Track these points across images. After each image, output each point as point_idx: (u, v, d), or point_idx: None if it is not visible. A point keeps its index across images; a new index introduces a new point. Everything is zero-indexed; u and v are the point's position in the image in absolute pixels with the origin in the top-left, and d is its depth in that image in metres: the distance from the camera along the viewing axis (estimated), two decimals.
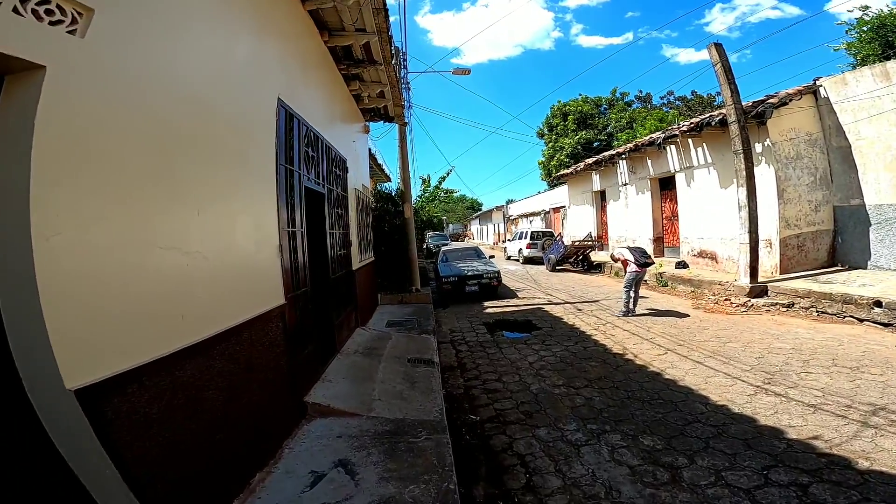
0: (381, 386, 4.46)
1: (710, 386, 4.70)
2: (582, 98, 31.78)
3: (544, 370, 5.44)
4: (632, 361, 5.59)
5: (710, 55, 9.10)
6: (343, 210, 6.00)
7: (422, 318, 7.60)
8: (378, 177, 16.35)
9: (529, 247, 19.37)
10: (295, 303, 3.69)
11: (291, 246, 3.67)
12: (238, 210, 2.84)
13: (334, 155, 5.68)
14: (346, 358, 5.15)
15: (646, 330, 7.03)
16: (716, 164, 10.98)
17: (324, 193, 4.92)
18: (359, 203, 7.54)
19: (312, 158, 4.56)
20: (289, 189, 3.71)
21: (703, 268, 11.44)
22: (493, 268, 11.24)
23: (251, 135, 3.11)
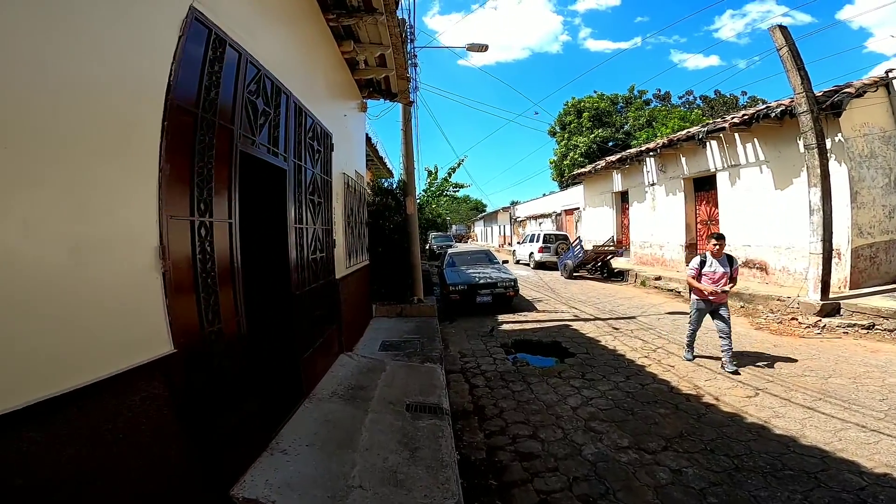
0: (366, 459, 2.94)
1: (846, 444, 3.32)
2: (598, 95, 30.01)
3: (596, 420, 3.91)
4: (715, 408, 4.08)
5: (775, 39, 7.64)
6: (324, 199, 4.47)
7: (425, 338, 6.07)
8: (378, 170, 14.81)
9: (542, 251, 17.81)
10: (207, 346, 2.19)
11: (201, 248, 2.17)
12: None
13: (311, 124, 4.17)
14: (317, 406, 3.62)
15: (712, 359, 5.51)
16: (770, 162, 9.44)
17: (286, 170, 3.40)
18: (349, 193, 6.01)
19: (265, 115, 3.06)
20: (204, 152, 2.21)
21: (749, 279, 9.91)
22: (509, 275, 9.71)
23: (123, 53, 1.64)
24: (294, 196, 3.57)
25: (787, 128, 8.75)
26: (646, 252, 14.21)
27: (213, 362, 2.27)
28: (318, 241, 4.20)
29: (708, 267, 5.08)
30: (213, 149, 2.28)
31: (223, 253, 2.39)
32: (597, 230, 17.55)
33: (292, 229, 3.49)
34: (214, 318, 2.26)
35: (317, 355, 3.99)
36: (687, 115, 24.52)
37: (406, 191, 8.95)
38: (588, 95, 30.13)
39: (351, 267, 5.76)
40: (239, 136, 2.59)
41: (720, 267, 5.04)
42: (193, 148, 2.14)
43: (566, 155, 28.82)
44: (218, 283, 2.28)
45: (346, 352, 4.89)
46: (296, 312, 3.49)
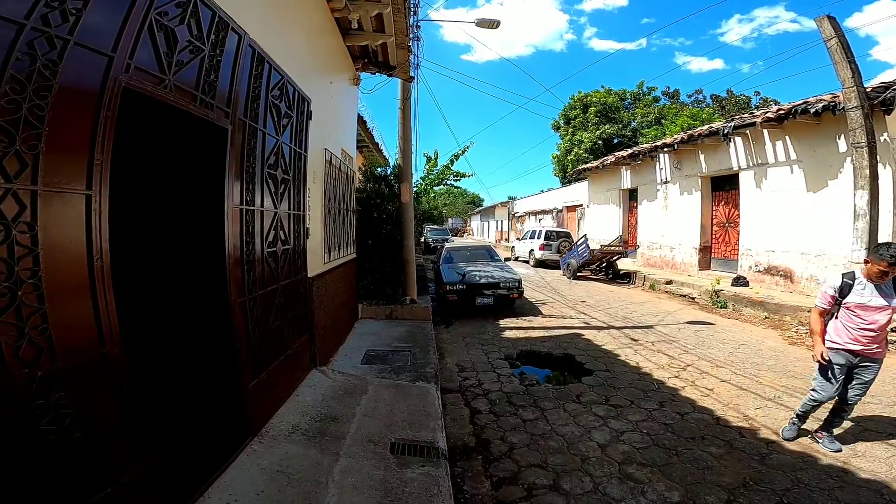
0: None
1: None
2: (605, 90, 28.93)
3: (633, 464, 3.07)
4: (779, 445, 3.32)
5: (823, 30, 6.85)
6: (293, 176, 3.52)
7: (418, 348, 5.19)
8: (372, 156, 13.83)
9: (543, 248, 16.92)
10: (22, 394, 1.31)
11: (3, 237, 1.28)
12: None
13: (279, 81, 3.24)
14: (269, 450, 2.73)
15: (752, 379, 4.70)
16: (803, 162, 8.61)
17: (227, 129, 2.47)
18: (333, 173, 5.09)
19: (193, 50, 2.15)
20: (28, 78, 1.32)
21: (772, 287, 9.12)
22: (513, 275, 8.82)
23: None
24: (240, 167, 2.62)
25: (826, 125, 7.93)
26: (655, 254, 13.40)
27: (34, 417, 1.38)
28: (282, 230, 3.26)
29: (857, 296, 2.99)
30: (56, 76, 1.39)
31: (68, 244, 1.49)
32: (601, 228, 16.72)
33: (235, 213, 2.55)
34: (36, 351, 1.37)
35: (275, 377, 3.10)
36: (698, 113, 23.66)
37: (401, 176, 7.99)
38: (595, 90, 29.06)
39: (331, 262, 4.84)
40: (126, 67, 1.68)
41: (881, 298, 2.95)
42: None
43: (570, 150, 27.81)
44: (47, 295, 1.39)
45: (319, 366, 3.99)
46: (238, 325, 2.58)
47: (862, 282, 3.02)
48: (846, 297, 3.05)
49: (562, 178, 28.84)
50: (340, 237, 5.47)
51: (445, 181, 14.23)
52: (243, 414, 2.65)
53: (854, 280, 3.06)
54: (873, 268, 2.91)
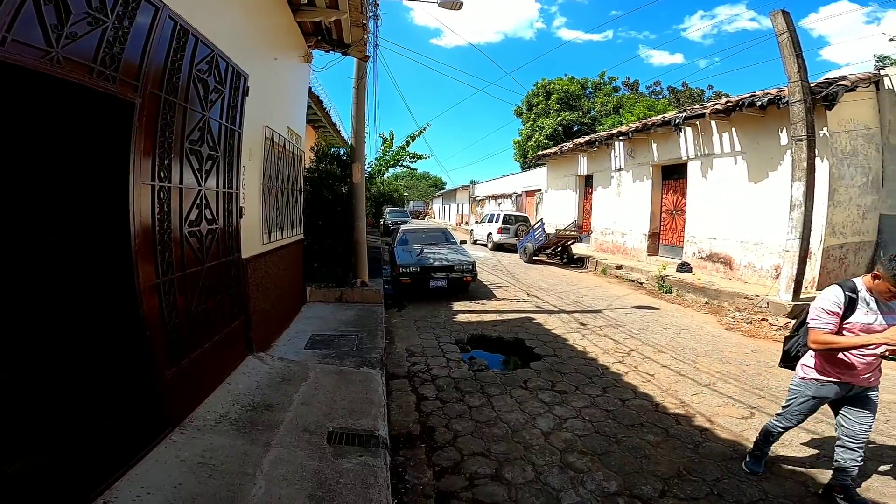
0: None
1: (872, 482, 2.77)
2: (568, 78, 29.41)
3: (574, 453, 3.08)
4: (712, 433, 3.38)
5: (776, 25, 7.04)
6: (224, 153, 3.25)
7: (366, 332, 5.02)
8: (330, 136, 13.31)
9: (501, 231, 17.03)
10: None
11: None
12: None
13: (208, 55, 2.94)
14: (191, 441, 2.52)
15: (691, 365, 4.87)
16: (746, 154, 8.97)
17: (133, 104, 2.19)
18: (275, 152, 4.78)
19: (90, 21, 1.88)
20: None
21: (713, 273, 9.56)
22: (467, 257, 8.77)
23: None
24: (153, 142, 2.36)
25: (770, 118, 8.27)
26: (607, 239, 13.76)
27: None
28: (208, 209, 2.99)
29: (862, 315, 2.38)
30: None
31: None
32: (558, 213, 16.98)
33: (145, 189, 2.29)
34: None
35: (201, 364, 2.86)
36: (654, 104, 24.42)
37: (353, 156, 7.69)
38: (559, 77, 29.50)
39: (271, 242, 4.55)
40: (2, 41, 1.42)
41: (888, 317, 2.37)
42: None
43: (531, 136, 28.20)
44: None
45: (256, 352, 3.76)
46: (150, 309, 2.33)
47: (866, 297, 2.39)
48: (849, 317, 2.40)
49: (522, 163, 29.22)
50: (284, 217, 5.17)
51: (401, 162, 13.92)
52: (160, 404, 2.42)
53: (857, 294, 2.40)
54: (882, 285, 2.29)
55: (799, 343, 2.78)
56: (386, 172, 14.36)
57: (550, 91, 28.74)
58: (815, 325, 2.46)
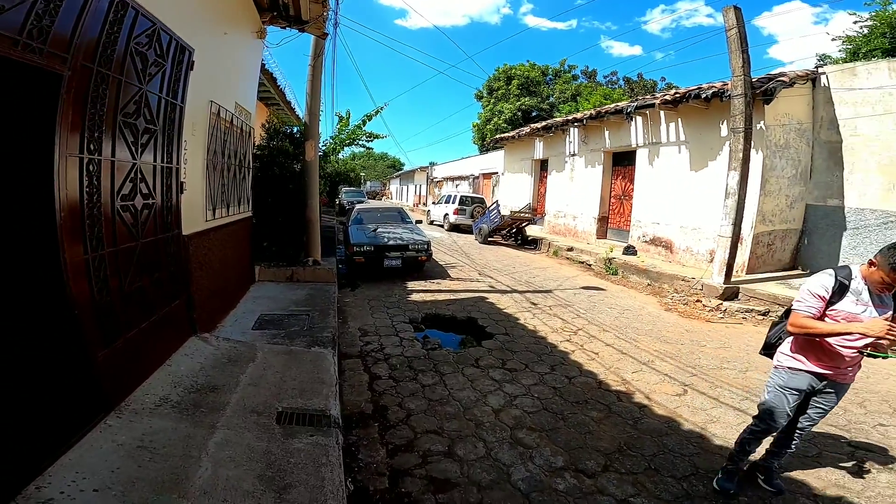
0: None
1: (791, 458, 2.88)
2: (530, 64, 30.04)
3: (523, 429, 3.20)
4: (649, 410, 3.58)
5: (727, 20, 7.31)
6: (163, 127, 3.07)
7: (317, 311, 4.92)
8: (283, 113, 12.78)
9: (457, 212, 17.11)
10: None
11: None
12: None
13: (148, 28, 2.75)
14: (129, 425, 2.40)
15: (632, 344, 5.15)
16: (689, 144, 9.43)
17: (63, 76, 2.02)
18: (221, 127, 4.53)
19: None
20: None
21: (655, 257, 10.10)
22: (422, 237, 8.76)
23: None
24: (82, 114, 2.21)
25: (713, 110, 8.70)
26: (559, 222, 14.15)
27: None
28: (144, 183, 2.81)
29: (850, 304, 2.22)
30: None
31: None
32: (514, 196, 17.23)
33: (72, 161, 2.13)
34: None
35: (137, 345, 2.71)
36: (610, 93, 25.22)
37: (307, 134, 7.41)
38: (521, 63, 30.07)
39: (216, 219, 4.34)
40: None
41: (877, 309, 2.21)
42: None
43: (490, 119, 28.79)
44: None
45: (200, 333, 3.59)
46: (79, 287, 2.17)
47: (859, 287, 2.22)
48: (835, 303, 2.23)
49: (480, 146, 29.64)
50: (231, 194, 4.94)
51: (358, 141, 13.61)
52: (93, 387, 2.28)
53: (850, 280, 2.23)
54: (877, 273, 2.12)
55: (782, 329, 2.56)
56: (342, 151, 13.99)
57: (512, 76, 29.20)
58: (797, 307, 2.32)
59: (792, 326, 2.32)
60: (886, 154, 7.35)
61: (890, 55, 10.25)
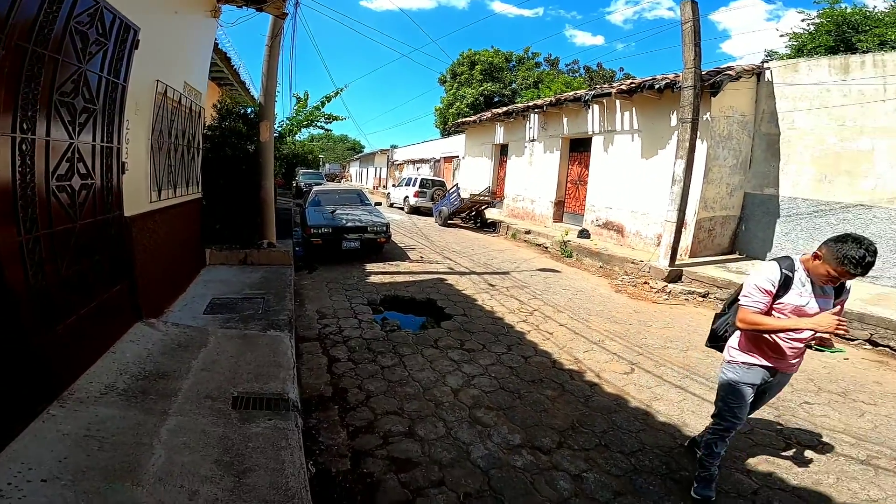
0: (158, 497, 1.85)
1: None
2: (494, 50, 30.10)
3: (482, 408, 3.30)
4: (600, 388, 3.77)
5: (683, 14, 7.57)
6: (103, 106, 2.91)
7: (272, 294, 4.82)
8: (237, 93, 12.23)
9: (417, 195, 17.05)
10: None
11: None
12: None
13: (88, 6, 2.61)
14: (73, 414, 2.29)
15: (584, 324, 5.38)
16: (642, 132, 9.80)
17: None
18: (168, 106, 4.31)
19: None
20: None
21: (607, 240, 10.51)
22: (381, 219, 8.68)
23: None
24: (14, 94, 2.08)
25: (665, 101, 9.03)
26: (518, 205, 14.40)
27: None
28: (82, 163, 2.66)
29: (796, 296, 2.19)
30: None
31: None
32: (474, 180, 17.33)
33: (3, 140, 2.00)
34: None
35: (78, 332, 2.57)
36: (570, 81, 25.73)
37: (262, 114, 7.12)
38: (485, 49, 30.16)
39: (161, 201, 4.13)
40: None
41: (821, 300, 2.19)
42: None
43: (452, 104, 28.79)
44: None
45: (147, 318, 3.44)
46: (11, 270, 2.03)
47: (802, 278, 2.19)
48: (781, 297, 2.21)
49: (442, 129, 29.77)
50: (178, 175, 4.72)
51: (316, 123, 13.21)
52: (33, 376, 2.15)
53: (794, 272, 2.21)
54: (822, 267, 2.09)
55: (728, 322, 2.53)
56: (299, 133, 13.53)
57: (475, 61, 29.27)
58: (744, 303, 2.26)
59: (741, 323, 2.26)
60: (819, 147, 7.92)
61: (832, 53, 10.89)
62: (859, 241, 1.99)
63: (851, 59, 7.52)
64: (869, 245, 1.98)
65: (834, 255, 2.02)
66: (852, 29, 11.61)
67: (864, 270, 1.98)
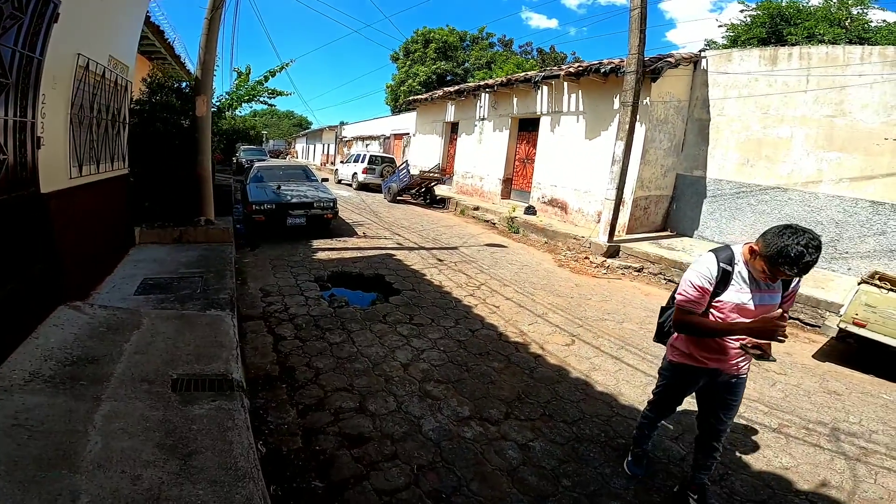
0: (99, 483, 1.81)
1: None
2: (449, 28, 29.78)
3: (431, 382, 3.39)
4: (543, 360, 3.97)
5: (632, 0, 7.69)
6: (19, 81, 2.69)
7: (211, 273, 4.62)
8: (170, 67, 11.31)
9: (366, 172, 16.69)
10: None
11: None
12: None
13: None
14: None
15: (529, 297, 5.60)
16: (587, 114, 10.10)
17: None
18: (90, 80, 3.99)
19: None
20: None
21: (553, 217, 10.88)
22: (328, 194, 8.46)
23: None
24: None
25: (610, 85, 9.31)
26: (467, 182, 14.50)
27: None
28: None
29: (735, 293, 2.00)
30: None
31: None
32: (425, 157, 17.20)
33: None
34: None
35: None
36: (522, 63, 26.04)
37: (198, 89, 6.65)
38: (440, 27, 29.90)
39: (83, 177, 3.82)
40: None
41: (764, 295, 2.00)
42: None
43: (405, 81, 28.50)
44: None
45: (71, 301, 3.20)
46: None
47: (742, 271, 1.98)
48: (720, 294, 1.99)
49: (393, 107, 29.57)
50: (102, 151, 4.39)
51: (259, 98, 12.49)
52: None
53: (733, 265, 1.99)
54: (759, 263, 1.88)
55: (672, 316, 2.28)
56: (239, 108, 12.74)
57: (430, 40, 28.94)
58: (679, 302, 2.06)
59: (676, 322, 2.11)
60: (745, 133, 8.53)
61: (765, 44, 11.58)
62: (798, 234, 1.73)
63: (780, 50, 8.08)
64: (810, 241, 1.71)
65: (769, 249, 1.78)
66: (785, 22, 12.40)
67: (803, 270, 1.73)
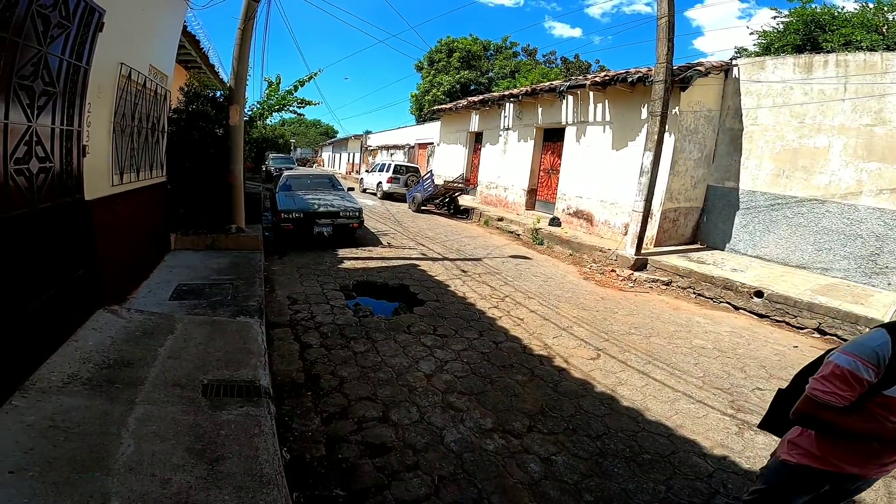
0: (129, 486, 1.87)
1: (683, 419, 3.31)
2: (472, 38, 30.13)
3: (454, 393, 3.37)
4: (568, 373, 3.90)
5: (659, 8, 7.67)
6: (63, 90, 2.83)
7: (242, 280, 4.73)
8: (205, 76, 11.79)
9: (391, 181, 16.89)
10: None
11: None
12: None
13: None
14: (37, 405, 2.23)
15: (553, 310, 5.52)
16: (613, 124, 9.99)
17: None
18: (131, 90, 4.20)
19: None
20: None
21: (577, 228, 10.75)
22: (354, 203, 8.59)
23: None
24: None
25: (637, 94, 9.20)
26: (491, 193, 14.49)
27: None
28: (40, 146, 2.59)
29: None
30: None
31: None
32: (448, 167, 17.30)
33: None
34: None
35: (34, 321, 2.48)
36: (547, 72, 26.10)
37: (232, 98, 6.91)
38: (463, 37, 30.22)
39: (124, 184, 4.01)
40: None
41: None
42: None
43: (429, 91, 28.86)
44: None
45: (109, 305, 3.33)
46: None
47: None
48: (892, 387, 1.35)
49: (418, 116, 29.95)
50: (142, 159, 4.62)
51: (289, 107, 12.88)
52: None
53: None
54: None
55: None
56: (270, 117, 13.14)
57: (453, 49, 29.28)
58: (817, 394, 1.44)
59: (801, 415, 1.50)
60: (779, 143, 8.26)
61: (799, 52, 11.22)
62: None
63: (815, 58, 7.83)
64: None
65: None
66: (820, 28, 11.97)
67: None
